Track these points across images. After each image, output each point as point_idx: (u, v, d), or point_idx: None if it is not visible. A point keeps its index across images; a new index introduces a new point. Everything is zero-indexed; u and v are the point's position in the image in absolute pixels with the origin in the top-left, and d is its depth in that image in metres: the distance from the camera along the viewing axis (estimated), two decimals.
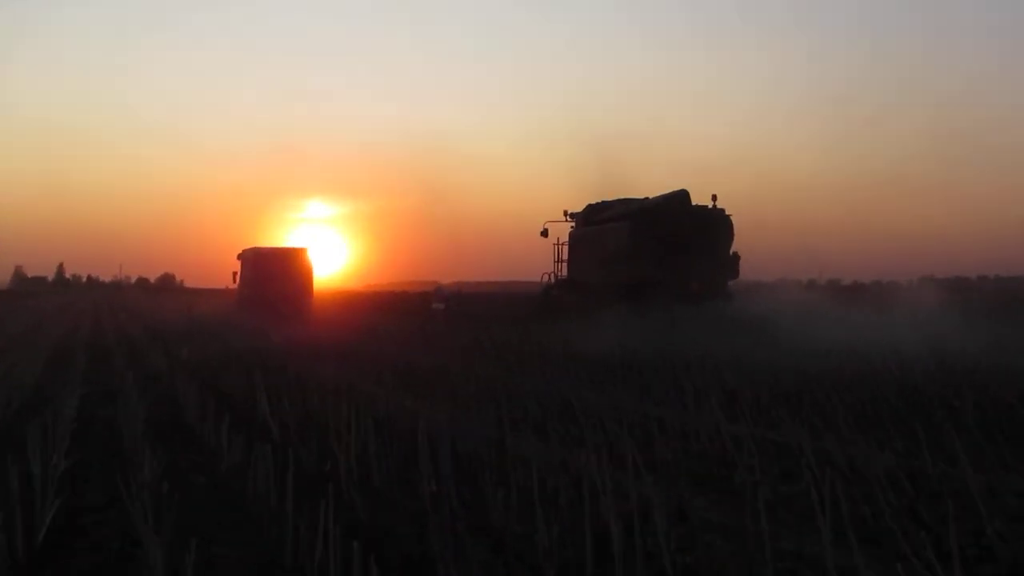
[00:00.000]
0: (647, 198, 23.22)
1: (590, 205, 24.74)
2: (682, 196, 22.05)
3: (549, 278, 25.52)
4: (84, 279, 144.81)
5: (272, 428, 7.37)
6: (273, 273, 29.81)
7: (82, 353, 15.29)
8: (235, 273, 32.89)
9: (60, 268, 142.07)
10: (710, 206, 21.70)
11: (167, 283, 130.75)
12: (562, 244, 25.24)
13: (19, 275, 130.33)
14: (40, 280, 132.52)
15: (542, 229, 25.04)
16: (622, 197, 24.11)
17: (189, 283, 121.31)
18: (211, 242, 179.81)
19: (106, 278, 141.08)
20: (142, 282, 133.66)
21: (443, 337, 18.08)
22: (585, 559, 3.99)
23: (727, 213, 21.73)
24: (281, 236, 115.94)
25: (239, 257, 32.61)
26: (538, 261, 26.46)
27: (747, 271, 22.43)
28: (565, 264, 25.19)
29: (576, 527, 4.17)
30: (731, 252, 21.85)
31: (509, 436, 6.36)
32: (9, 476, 4.64)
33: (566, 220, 25.10)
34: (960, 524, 4.13)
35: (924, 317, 18.87)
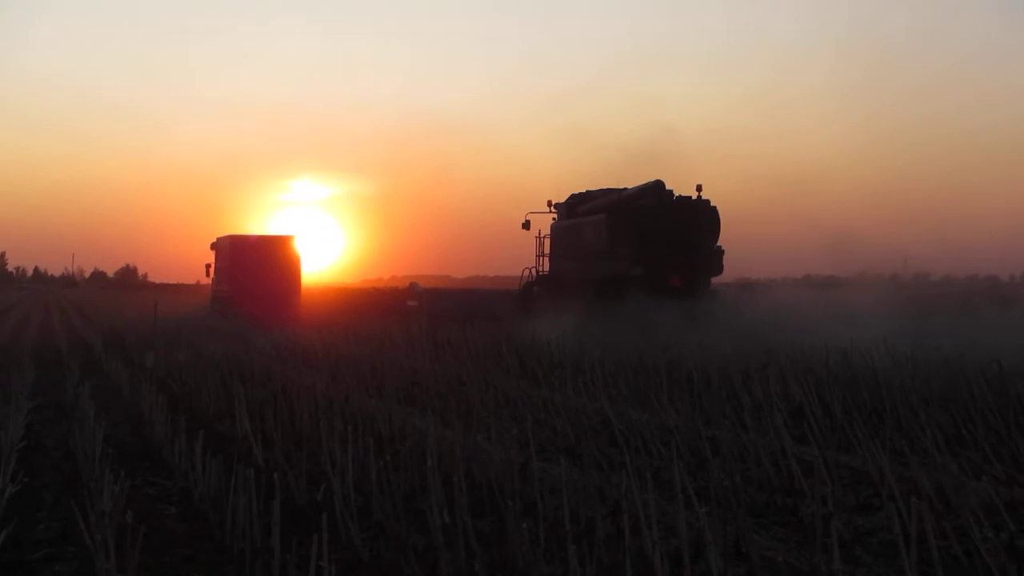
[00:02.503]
0: (625, 189, 25.01)
1: (573, 195, 26.62)
2: (656, 187, 23.85)
3: (530, 273, 27.38)
4: (29, 273, 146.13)
5: (254, 449, 7.43)
6: (254, 265, 30.00)
7: (28, 361, 15.43)
8: (209, 266, 33.16)
9: (1, 259, 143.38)
10: (694, 197, 23.45)
11: (128, 278, 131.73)
12: (544, 237, 27.15)
13: None
14: None
15: (524, 221, 27.05)
16: (605, 187, 25.96)
17: (154, 277, 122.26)
18: (180, 229, 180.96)
19: (55, 272, 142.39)
20: (98, 276, 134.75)
21: (455, 341, 18.14)
22: None
23: (712, 204, 23.43)
24: (263, 222, 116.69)
25: (213, 247, 32.83)
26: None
27: (805, 266, 23.97)
28: (547, 259, 27.12)
29: (615, 566, 4.20)
30: (716, 246, 23.51)
31: (535, 459, 6.39)
32: None
33: (550, 211, 27.04)
34: None
35: None
